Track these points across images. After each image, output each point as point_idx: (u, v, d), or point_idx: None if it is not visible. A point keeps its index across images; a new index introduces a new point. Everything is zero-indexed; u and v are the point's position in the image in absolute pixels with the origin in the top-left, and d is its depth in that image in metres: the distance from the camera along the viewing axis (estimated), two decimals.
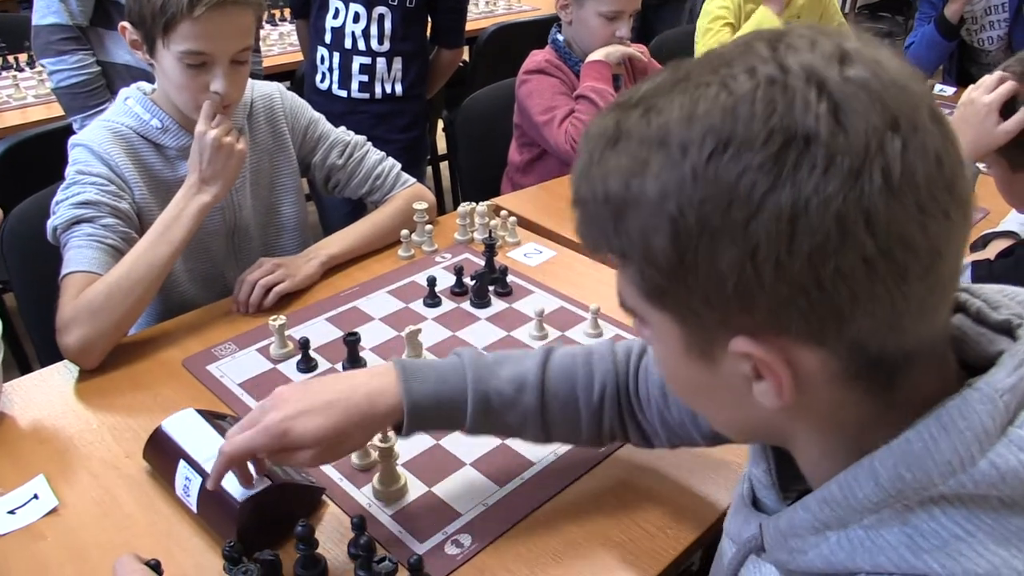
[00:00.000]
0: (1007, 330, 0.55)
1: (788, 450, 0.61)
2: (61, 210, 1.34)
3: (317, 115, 1.66)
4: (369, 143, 1.71)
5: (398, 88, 2.43)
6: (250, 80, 1.55)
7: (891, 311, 0.48)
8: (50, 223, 1.35)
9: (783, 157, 0.46)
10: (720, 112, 0.47)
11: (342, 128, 1.69)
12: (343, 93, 2.42)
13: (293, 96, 1.64)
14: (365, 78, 2.39)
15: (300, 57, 2.89)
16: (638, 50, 2.18)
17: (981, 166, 1.54)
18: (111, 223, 1.35)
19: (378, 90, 2.41)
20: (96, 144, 1.39)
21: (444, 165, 3.57)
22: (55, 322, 1.27)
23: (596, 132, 0.53)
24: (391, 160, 1.72)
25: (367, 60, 2.38)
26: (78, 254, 1.31)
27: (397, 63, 2.40)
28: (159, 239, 1.33)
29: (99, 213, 1.34)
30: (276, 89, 1.61)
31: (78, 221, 1.33)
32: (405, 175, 1.72)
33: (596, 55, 2.09)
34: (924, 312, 0.50)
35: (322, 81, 2.46)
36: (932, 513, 0.50)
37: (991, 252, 1.49)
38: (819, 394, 0.53)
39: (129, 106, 1.45)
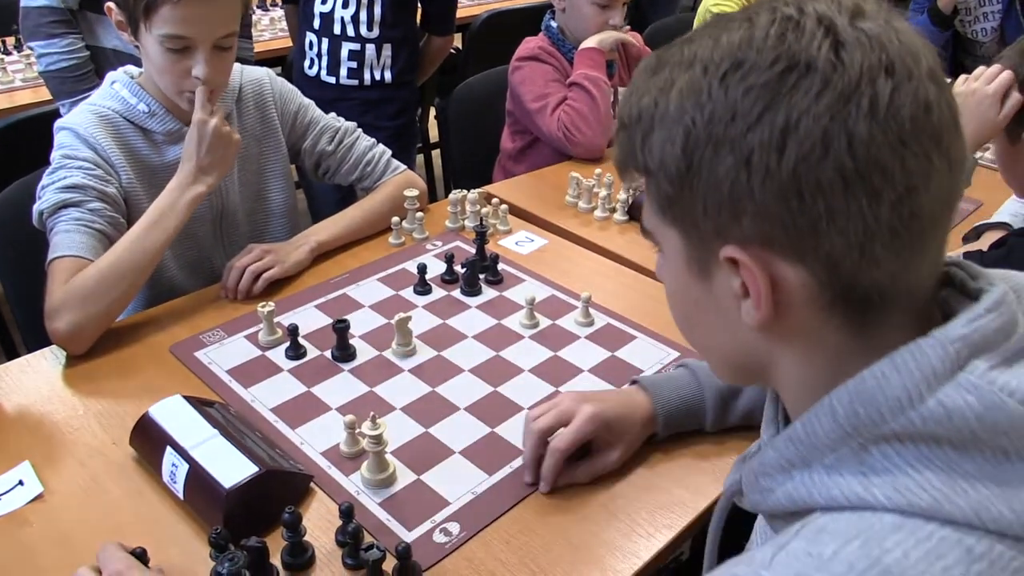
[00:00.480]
0: (979, 298, 0.58)
1: (777, 391, 0.66)
2: (47, 194, 1.33)
3: (307, 100, 1.65)
4: (359, 129, 1.70)
5: (387, 75, 2.42)
6: (239, 65, 1.54)
7: (863, 232, 0.53)
8: (36, 208, 1.34)
9: (784, 80, 0.53)
10: (739, 40, 0.55)
11: (332, 114, 1.69)
12: (332, 79, 2.40)
13: (283, 81, 1.63)
14: (354, 64, 2.38)
15: (291, 43, 2.87)
16: (631, 36, 2.18)
17: (979, 155, 1.55)
18: (98, 207, 1.34)
19: (367, 77, 2.40)
20: (82, 128, 1.38)
21: (436, 153, 3.56)
22: (43, 307, 1.26)
23: (642, 65, 0.61)
24: (381, 147, 1.71)
25: (356, 46, 2.37)
26: (65, 239, 1.30)
27: (386, 50, 2.39)
28: (153, 226, 1.32)
29: (86, 197, 1.33)
30: (265, 74, 1.60)
31: (65, 205, 1.32)
32: (396, 162, 1.72)
33: (590, 42, 2.08)
34: (897, 247, 0.54)
35: (310, 67, 2.44)
36: (884, 451, 0.53)
37: (984, 243, 1.49)
38: (799, 316, 0.57)
39: (116, 90, 1.43)
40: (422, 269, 1.45)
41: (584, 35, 2.10)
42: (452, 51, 2.70)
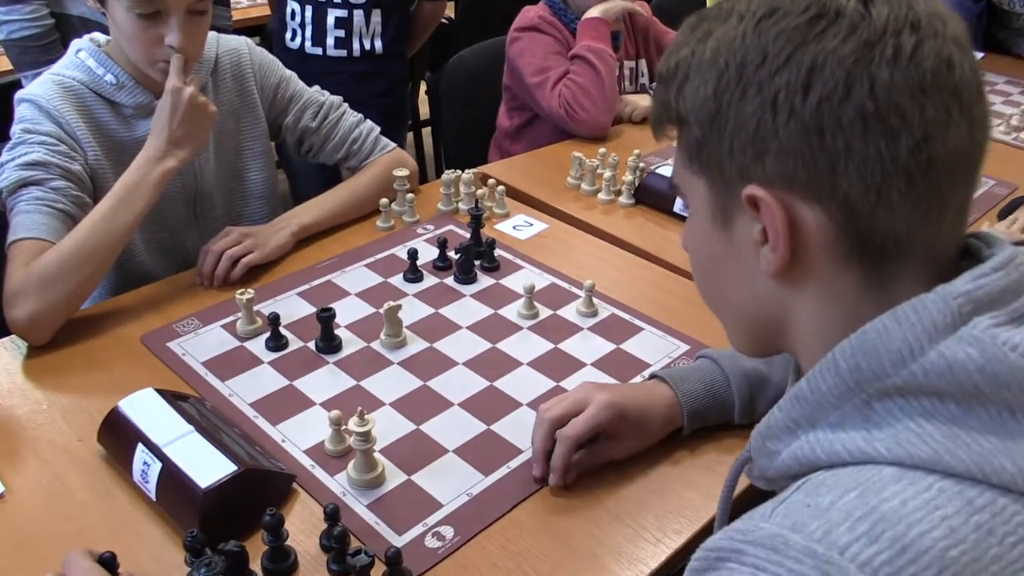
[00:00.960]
0: None
1: (793, 354, 0.69)
2: (7, 172, 1.32)
3: (289, 73, 1.64)
4: (345, 104, 1.69)
5: (377, 44, 2.40)
6: (215, 34, 1.52)
7: (880, 174, 0.57)
8: None
9: (814, 25, 0.58)
10: None
11: (316, 87, 1.67)
12: (317, 51, 2.38)
13: (263, 52, 1.61)
14: (341, 33, 2.36)
15: (270, 11, 2.85)
16: (639, 6, 2.17)
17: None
18: (62, 186, 1.32)
19: (356, 46, 2.38)
20: (45, 100, 1.36)
21: (427, 131, 3.54)
22: (2, 293, 1.25)
23: (685, 23, 0.67)
24: (369, 123, 1.70)
25: (343, 12, 2.34)
26: (27, 219, 1.29)
27: (376, 16, 2.37)
28: (119, 206, 1.30)
29: (49, 175, 1.32)
30: (244, 44, 1.58)
31: (26, 184, 1.31)
32: (385, 140, 1.70)
33: (593, 11, 2.07)
34: (913, 195, 0.57)
35: (293, 39, 2.42)
36: (887, 407, 0.57)
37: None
38: (816, 263, 0.61)
39: (81, 59, 1.42)
40: (413, 255, 1.45)
41: (587, 4, 2.09)
42: (444, 20, 2.68)
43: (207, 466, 0.97)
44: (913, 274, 0.60)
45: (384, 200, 1.62)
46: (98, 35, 1.45)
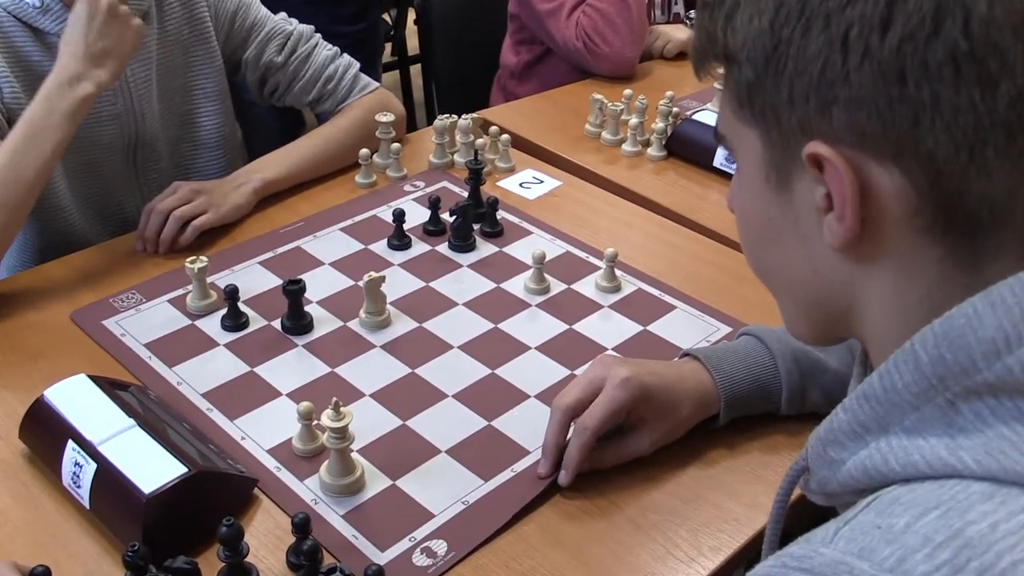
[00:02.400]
0: None
1: (861, 342, 0.69)
2: None
3: None
4: (318, 35, 1.69)
5: None
6: None
7: (973, 129, 0.56)
8: None
9: None
10: None
11: (282, 15, 1.67)
12: None
13: None
14: None
15: None
16: None
17: None
18: None
19: None
20: None
21: (416, 69, 3.53)
22: None
23: None
24: (347, 58, 1.70)
25: None
26: None
27: None
28: (24, 145, 1.28)
29: None
30: None
31: None
32: (365, 78, 1.70)
33: None
34: (1013, 154, 0.56)
35: None
36: (976, 408, 0.56)
37: None
38: (891, 237, 0.61)
39: None
40: (399, 216, 1.45)
41: None
42: None
43: (151, 468, 0.97)
44: (1009, 250, 0.60)
45: (364, 151, 1.61)
46: None
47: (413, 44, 3.41)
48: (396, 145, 1.64)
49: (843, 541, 0.54)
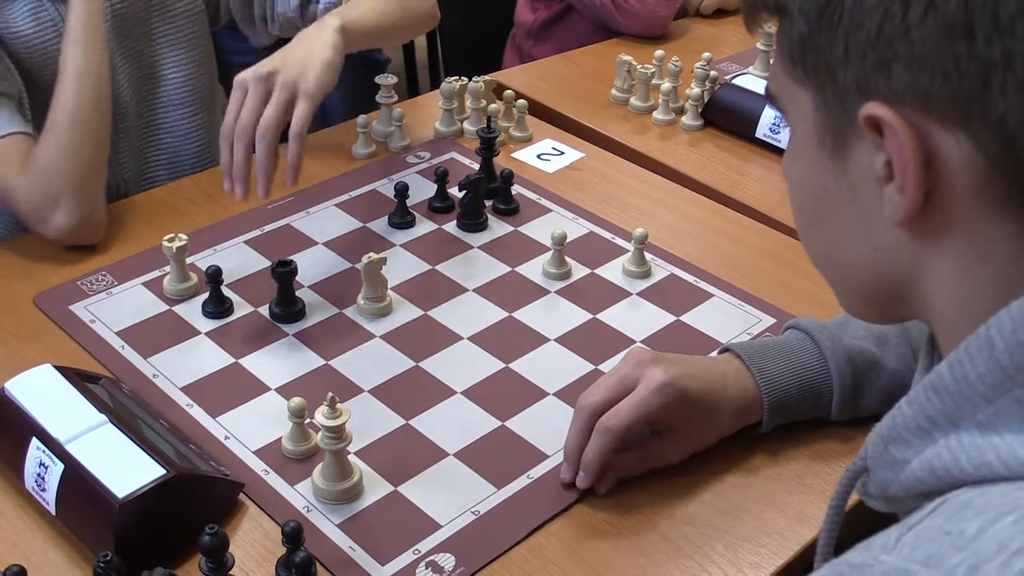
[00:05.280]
0: None
1: (928, 326, 0.70)
2: None
3: None
4: None
5: None
6: None
7: None
8: None
9: None
10: None
11: None
12: None
13: None
14: None
15: None
16: None
17: None
18: None
19: None
20: None
21: None
22: (18, 215, 1.38)
23: None
24: None
25: None
26: None
27: None
28: (83, 36, 1.38)
29: None
30: None
31: None
32: None
33: None
34: None
35: None
36: None
37: None
38: (958, 212, 0.61)
39: None
40: (402, 191, 1.45)
41: None
42: None
43: (125, 469, 0.97)
44: None
45: (362, 117, 1.62)
46: None
47: None
48: (398, 110, 1.64)
49: (907, 548, 0.54)
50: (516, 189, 1.52)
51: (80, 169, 1.36)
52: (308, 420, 1.08)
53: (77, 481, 0.98)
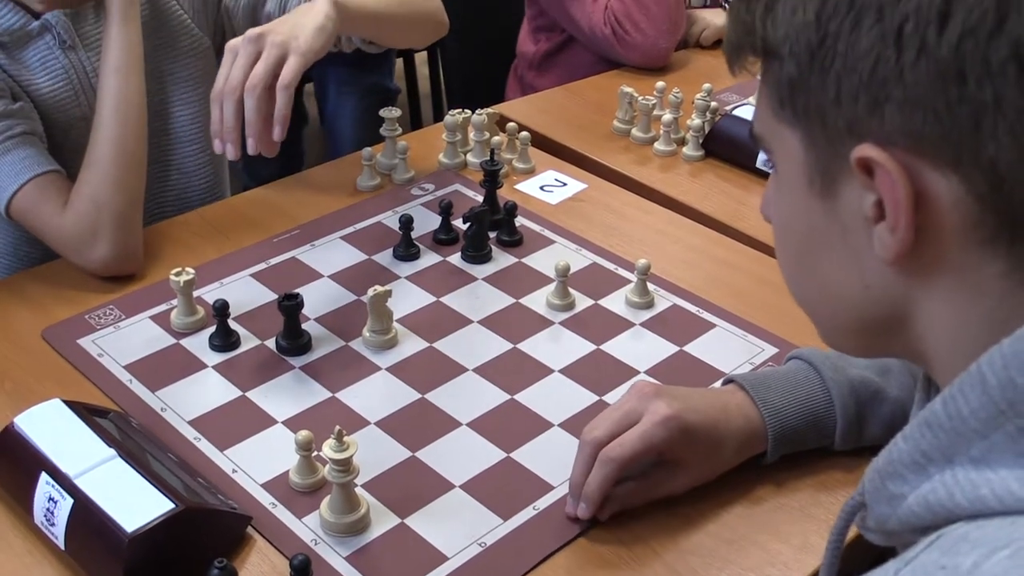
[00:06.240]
0: None
1: (921, 366, 0.71)
2: None
3: None
4: None
5: None
6: None
7: None
8: None
9: None
10: None
11: None
12: None
13: None
14: None
15: None
16: None
17: None
18: (2, 109, 1.37)
19: None
20: None
21: (422, 57, 3.54)
22: (57, 249, 1.40)
23: None
24: None
25: None
26: (5, 165, 1.37)
27: None
28: (121, 68, 1.41)
29: None
30: None
31: None
32: None
33: None
34: None
35: None
36: None
37: None
38: (948, 251, 0.62)
39: None
40: (406, 223, 1.46)
41: None
42: None
43: (134, 503, 0.98)
44: None
45: (367, 149, 1.62)
46: None
47: None
48: (403, 143, 1.65)
49: None
50: (520, 221, 1.53)
51: (126, 200, 1.39)
52: (315, 453, 1.08)
53: (86, 515, 0.98)
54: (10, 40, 1.43)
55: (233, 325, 1.31)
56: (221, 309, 1.28)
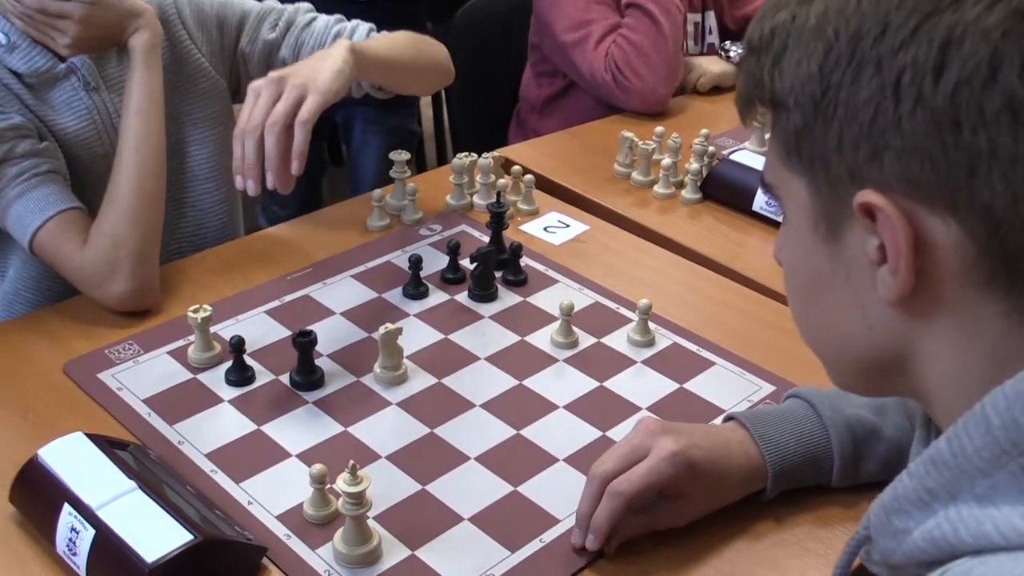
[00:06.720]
0: None
1: (923, 405, 0.72)
2: None
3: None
4: (315, 10, 1.68)
5: None
6: None
7: None
8: None
9: None
10: None
11: (273, 0, 1.67)
12: None
13: None
14: None
15: None
16: None
17: None
18: (27, 147, 1.39)
19: None
20: None
21: (425, 99, 3.56)
22: (77, 284, 1.41)
23: None
24: (357, 21, 1.67)
25: None
26: (28, 203, 1.38)
27: None
28: (137, 115, 1.43)
29: (4, 144, 1.37)
30: None
31: None
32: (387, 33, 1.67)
33: None
34: None
35: None
36: None
37: None
38: (949, 292, 0.63)
39: None
40: (415, 263, 1.46)
41: None
42: None
43: (154, 534, 0.98)
44: None
45: (377, 191, 1.64)
46: None
47: None
48: (412, 185, 1.66)
49: None
50: (525, 261, 1.54)
51: (144, 237, 1.41)
52: (329, 486, 1.09)
53: (108, 546, 0.98)
54: (37, 81, 1.45)
55: (249, 360, 1.31)
56: (237, 345, 1.28)
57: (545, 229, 1.67)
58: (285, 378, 1.30)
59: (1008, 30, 0.57)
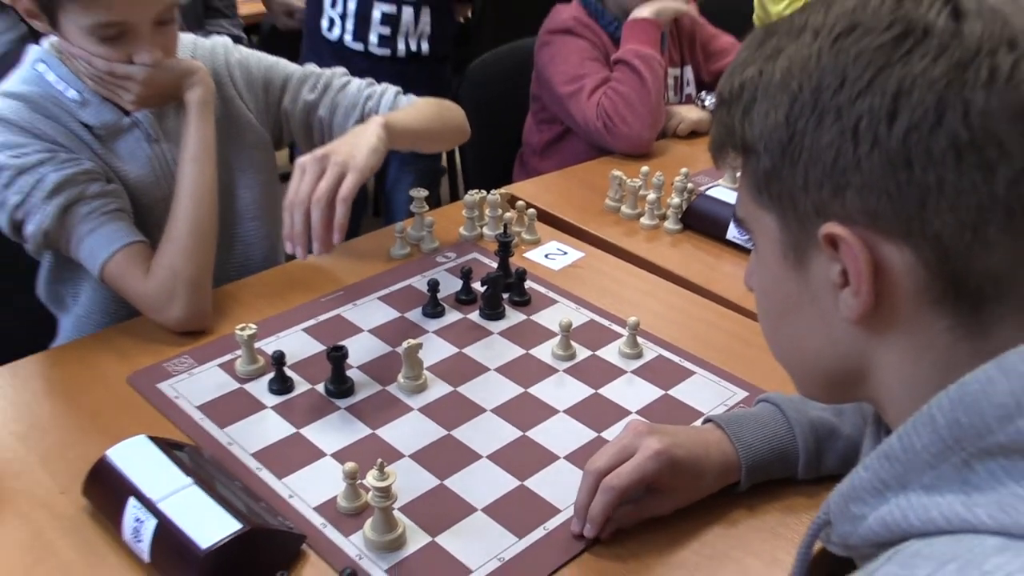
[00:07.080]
0: None
1: (877, 409, 0.72)
2: (35, 211, 1.36)
3: (273, 59, 1.66)
4: (349, 74, 1.70)
5: (424, 46, 2.46)
6: (191, 37, 1.57)
7: (975, 210, 0.59)
8: (30, 231, 1.38)
9: (899, 44, 0.60)
10: (854, 5, 0.63)
11: (312, 65, 1.68)
12: (359, 46, 2.45)
13: (240, 49, 1.63)
14: (387, 30, 2.42)
15: (262, 7, 2.93)
16: (690, 7, 2.21)
17: None
18: (96, 190, 1.40)
19: (400, 47, 2.43)
20: (13, 115, 1.38)
21: None
22: (140, 308, 1.43)
23: (749, 38, 0.70)
24: (386, 84, 1.68)
25: (391, 8, 2.40)
26: (99, 239, 1.39)
27: (425, 15, 2.44)
28: (193, 162, 1.45)
29: (77, 188, 1.38)
30: (220, 45, 1.60)
31: (66, 208, 1.37)
32: (412, 97, 1.68)
33: (643, 11, 2.11)
34: (1014, 230, 0.60)
35: (330, 29, 2.47)
36: (990, 468, 0.58)
37: None
38: (904, 309, 0.64)
39: (39, 72, 1.43)
40: (433, 286, 1.48)
41: (630, 4, 2.13)
42: (463, 18, 2.73)
43: (208, 524, 0.99)
44: (1013, 318, 0.62)
45: (398, 224, 1.65)
46: (57, 40, 1.43)
47: None
48: (430, 218, 1.67)
49: None
50: (528, 284, 1.54)
51: (198, 269, 1.42)
52: (360, 481, 1.09)
53: (168, 534, 1.00)
54: (106, 133, 1.46)
55: (288, 372, 1.32)
56: (279, 359, 1.29)
57: (546, 256, 1.68)
58: (320, 387, 1.31)
59: (951, 80, 0.59)
